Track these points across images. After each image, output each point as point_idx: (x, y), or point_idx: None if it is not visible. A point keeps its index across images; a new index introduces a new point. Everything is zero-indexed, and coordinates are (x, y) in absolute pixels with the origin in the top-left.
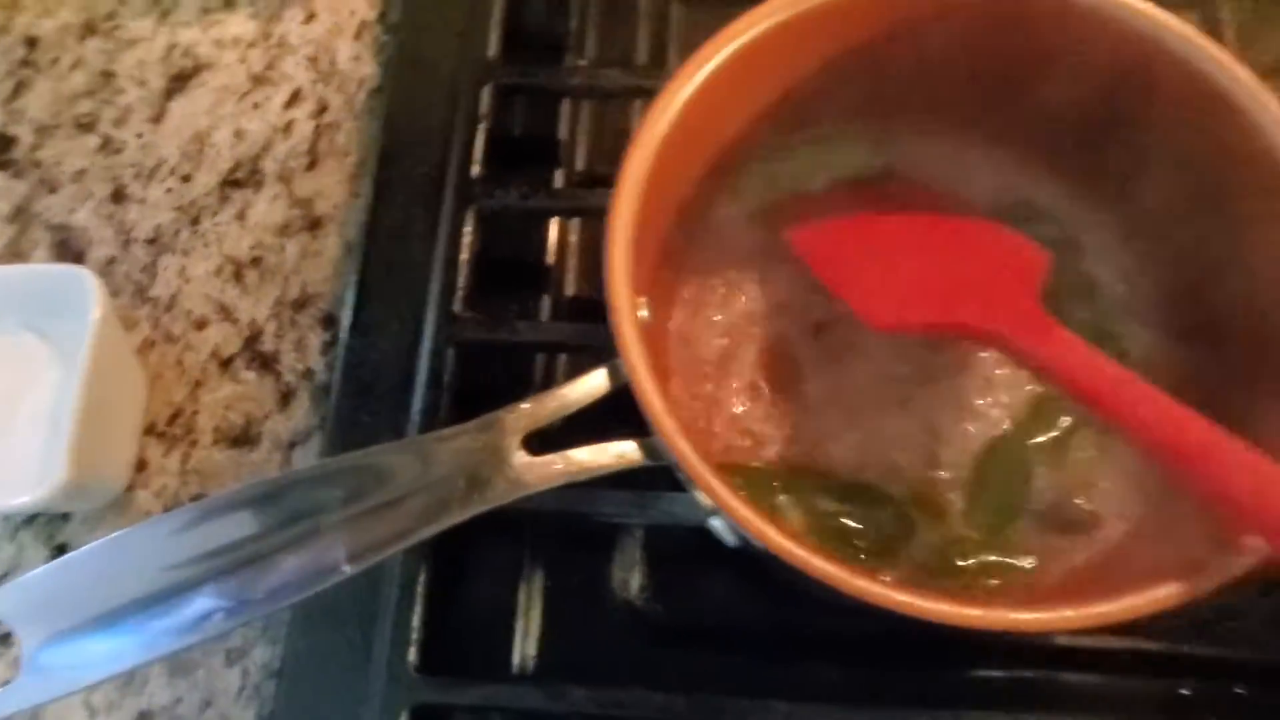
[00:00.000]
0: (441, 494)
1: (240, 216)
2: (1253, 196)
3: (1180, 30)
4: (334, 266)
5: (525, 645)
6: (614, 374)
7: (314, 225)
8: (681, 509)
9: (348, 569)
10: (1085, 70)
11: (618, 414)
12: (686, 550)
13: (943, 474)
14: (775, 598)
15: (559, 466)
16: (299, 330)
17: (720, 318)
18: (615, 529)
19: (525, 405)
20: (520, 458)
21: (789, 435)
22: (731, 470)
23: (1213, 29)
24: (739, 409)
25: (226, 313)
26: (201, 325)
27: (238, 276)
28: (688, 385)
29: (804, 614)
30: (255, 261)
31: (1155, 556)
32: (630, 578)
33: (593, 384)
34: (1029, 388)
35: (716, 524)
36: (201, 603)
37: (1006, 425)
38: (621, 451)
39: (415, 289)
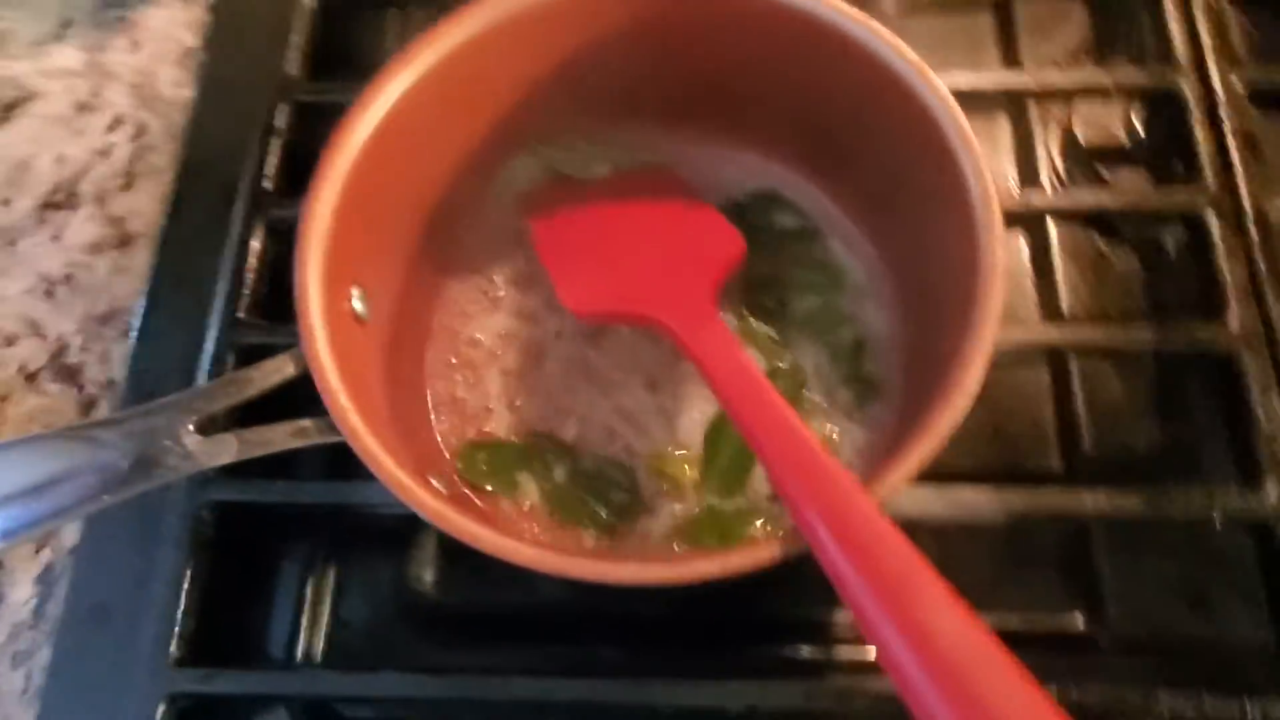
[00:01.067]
0: (106, 474)
1: (56, 237)
2: (935, 188)
3: (891, 43)
4: (142, 281)
5: (312, 639)
6: (298, 360)
7: (125, 242)
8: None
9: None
10: (802, 75)
11: None
12: None
13: (679, 449)
14: (566, 585)
15: (233, 443)
16: (103, 342)
17: (483, 304)
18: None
19: (200, 388)
20: (192, 437)
21: (536, 414)
22: (478, 445)
23: (1006, 21)
24: (491, 389)
25: (35, 328)
26: (11, 341)
27: (49, 294)
28: (445, 367)
29: (595, 598)
30: (67, 279)
31: None
32: (424, 572)
33: (278, 368)
34: (762, 359)
35: None
36: None
37: None
38: (299, 427)
39: (202, 297)
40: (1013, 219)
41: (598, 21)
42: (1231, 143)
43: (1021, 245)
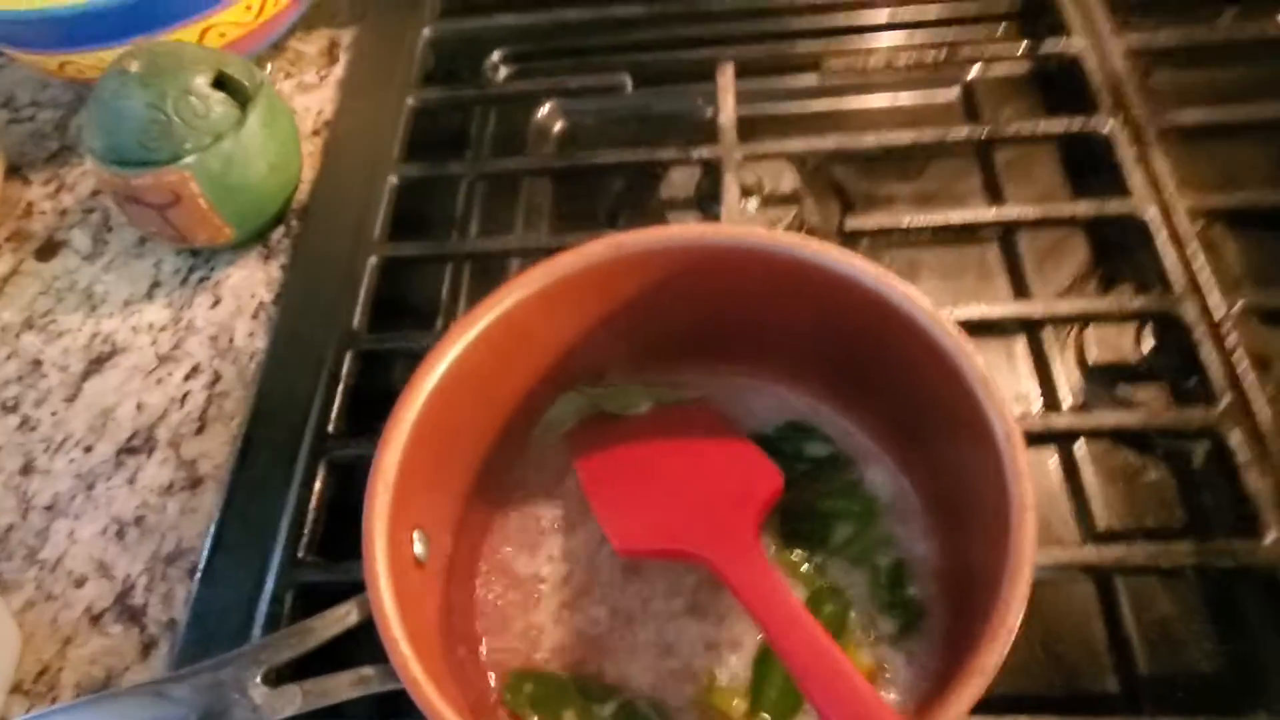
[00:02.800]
0: None
1: (131, 480)
2: (958, 422)
3: (903, 291)
4: (208, 522)
5: None
6: (362, 607)
7: (195, 484)
8: None
9: None
10: (826, 319)
11: None
12: None
13: (724, 680)
14: None
15: (297, 695)
16: (168, 583)
17: (532, 539)
18: None
19: (265, 641)
20: (259, 689)
21: (582, 649)
22: (526, 675)
23: (1011, 253)
24: (537, 622)
25: (104, 570)
26: (80, 584)
27: (120, 535)
28: (495, 600)
29: None
30: (138, 520)
31: None
32: None
33: (341, 617)
34: (803, 589)
35: None
36: None
37: None
38: (361, 676)
39: (266, 537)
40: (1040, 439)
41: (637, 280)
42: (1239, 361)
43: (1052, 464)
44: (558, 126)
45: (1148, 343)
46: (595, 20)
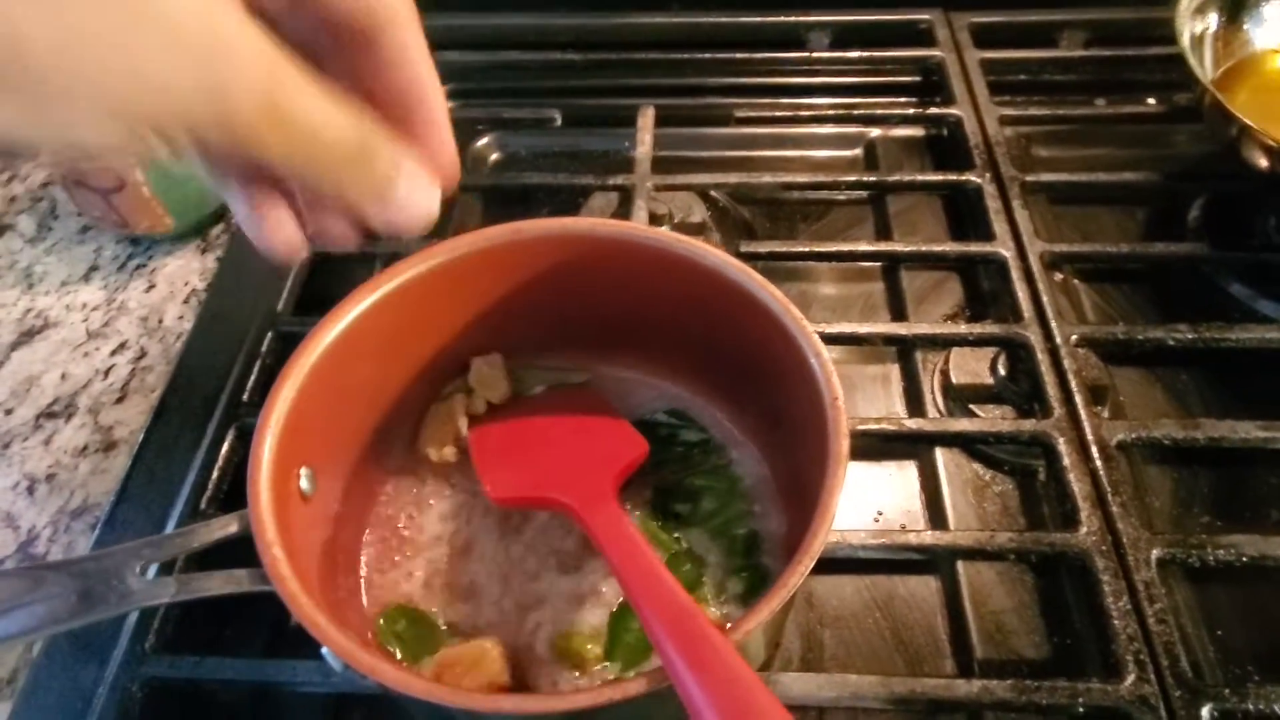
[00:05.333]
0: (53, 604)
1: (47, 442)
2: (798, 393)
3: (757, 280)
4: (118, 482)
5: None
6: (243, 520)
7: (109, 447)
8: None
9: None
10: (705, 316)
11: None
12: None
13: (585, 629)
14: None
15: (171, 584)
16: (71, 535)
17: (424, 497)
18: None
19: (148, 539)
20: (136, 578)
21: (458, 599)
22: (405, 610)
23: (895, 290)
24: (419, 571)
25: (10, 520)
26: None
27: (30, 490)
28: (381, 547)
29: None
30: (49, 478)
31: None
32: None
33: (223, 524)
34: (664, 552)
35: (324, 653)
36: None
37: None
38: (233, 576)
39: (170, 493)
40: (901, 440)
41: (532, 266)
42: (1073, 382)
43: (912, 474)
44: (493, 156)
45: (1003, 371)
46: (533, 63)
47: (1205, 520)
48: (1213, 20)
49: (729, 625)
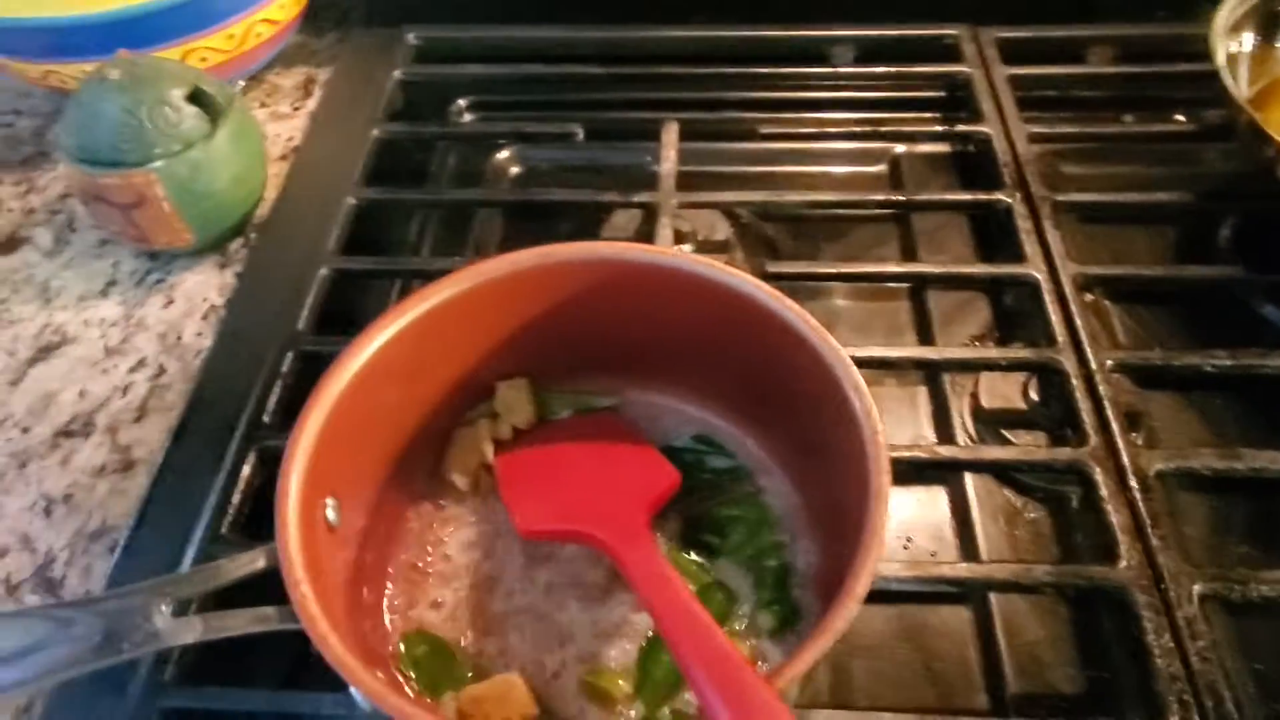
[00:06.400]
0: (77, 646)
1: (65, 461)
2: (837, 427)
3: (793, 308)
4: (137, 503)
5: None
6: (270, 555)
7: (128, 467)
8: None
9: None
10: (734, 341)
11: None
12: None
13: (612, 663)
14: None
15: (198, 624)
16: (89, 557)
17: (450, 527)
18: None
19: (174, 575)
20: (162, 617)
21: (482, 629)
22: (424, 635)
23: (921, 310)
24: (445, 600)
25: (28, 542)
26: (2, 554)
27: (47, 511)
28: (408, 575)
29: None
30: (67, 498)
31: None
32: None
33: (249, 561)
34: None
35: (352, 692)
36: None
37: None
38: (260, 614)
39: (191, 517)
40: (930, 467)
41: (561, 290)
42: (1109, 409)
43: (942, 501)
44: (514, 170)
45: (1034, 395)
46: (555, 76)
47: (1243, 551)
48: (1248, 39)
49: (770, 669)
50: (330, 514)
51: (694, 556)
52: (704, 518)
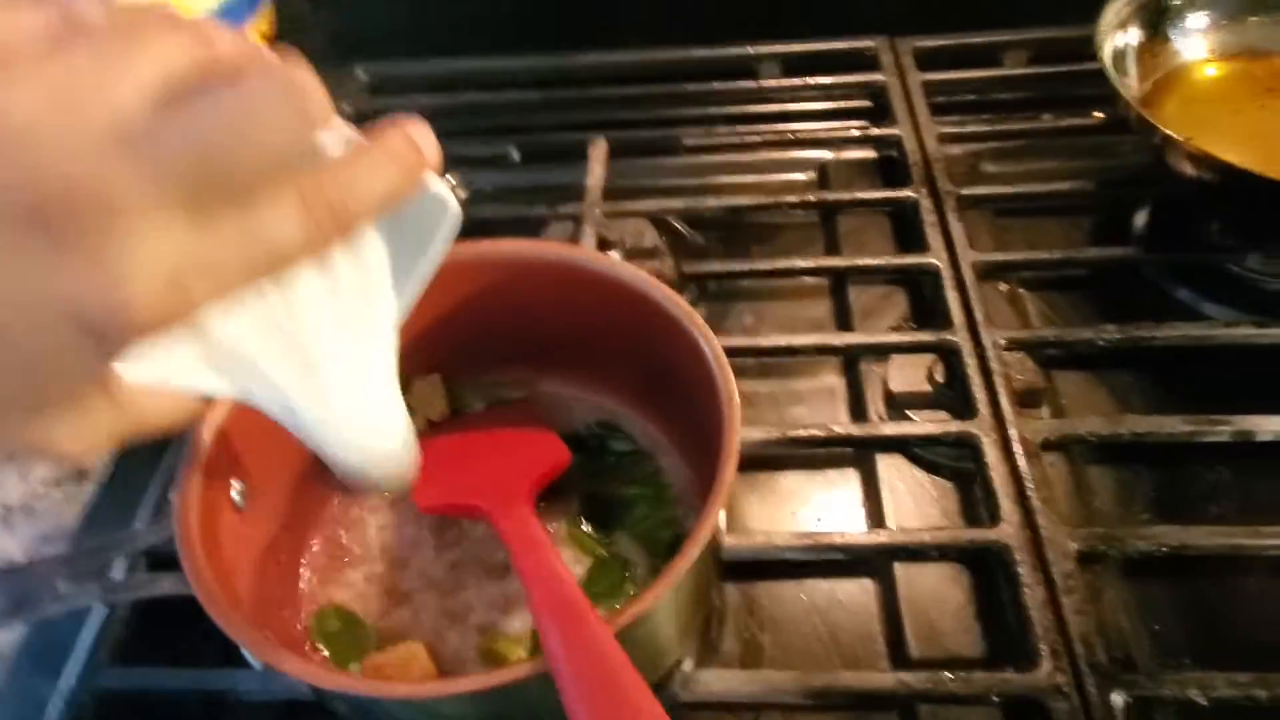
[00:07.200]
0: None
1: (22, 475)
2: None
3: (663, 290)
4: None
5: None
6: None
7: (81, 477)
8: None
9: None
10: (631, 333)
11: None
12: None
13: (510, 632)
14: None
15: (96, 589)
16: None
17: (364, 511)
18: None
19: (73, 551)
20: (65, 584)
21: (391, 604)
22: (339, 609)
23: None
24: (356, 577)
25: None
26: None
27: (5, 520)
28: (322, 557)
29: None
30: (24, 508)
31: None
32: None
33: (143, 532)
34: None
35: (244, 652)
36: None
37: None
38: (154, 578)
39: (131, 515)
40: (843, 454)
41: (457, 289)
42: (999, 384)
43: (855, 479)
44: (461, 194)
45: (939, 378)
46: (495, 103)
47: (1146, 518)
48: (1134, 35)
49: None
50: (236, 496)
51: (596, 532)
52: (609, 497)
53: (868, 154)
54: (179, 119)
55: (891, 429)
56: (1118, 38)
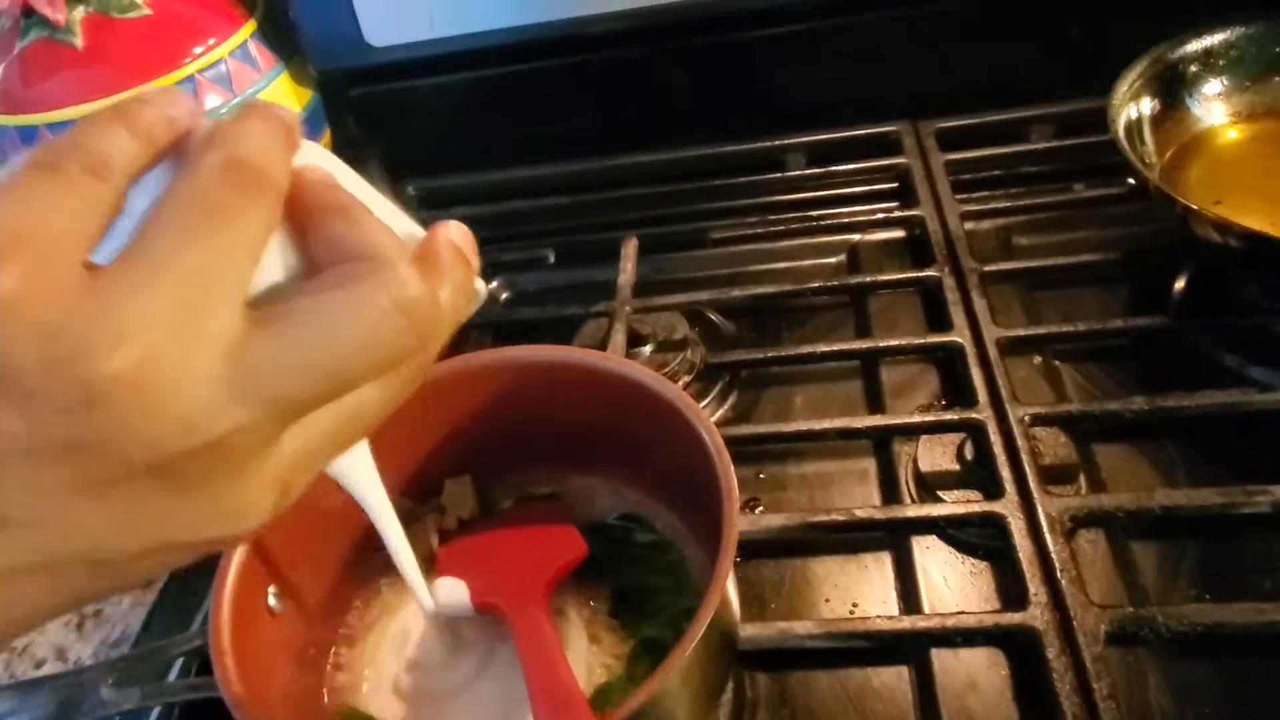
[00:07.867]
0: (37, 713)
1: None
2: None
3: (671, 388)
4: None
5: None
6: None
7: (148, 584)
8: None
9: None
10: (646, 428)
11: None
12: None
13: None
14: None
15: (136, 692)
16: None
17: (394, 608)
18: None
19: (120, 657)
20: (108, 689)
21: (414, 707)
22: (356, 716)
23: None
24: (382, 679)
25: (61, 654)
26: (39, 666)
27: (79, 626)
28: (350, 654)
29: None
30: (96, 613)
31: None
32: None
33: (188, 639)
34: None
35: None
36: None
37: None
38: (192, 684)
39: (188, 620)
40: (875, 538)
41: (479, 393)
42: (1025, 461)
43: (888, 563)
44: (504, 295)
45: (968, 456)
46: (530, 209)
47: (1192, 594)
48: (1148, 105)
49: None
50: (272, 601)
51: (622, 620)
52: (635, 587)
53: (896, 234)
54: (285, 337)
55: (916, 511)
56: (1131, 110)
